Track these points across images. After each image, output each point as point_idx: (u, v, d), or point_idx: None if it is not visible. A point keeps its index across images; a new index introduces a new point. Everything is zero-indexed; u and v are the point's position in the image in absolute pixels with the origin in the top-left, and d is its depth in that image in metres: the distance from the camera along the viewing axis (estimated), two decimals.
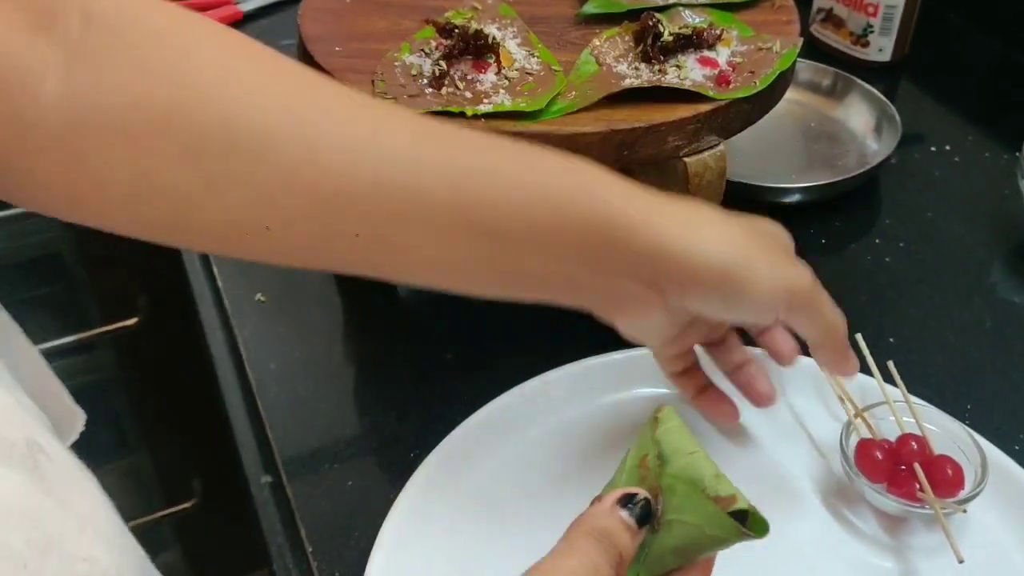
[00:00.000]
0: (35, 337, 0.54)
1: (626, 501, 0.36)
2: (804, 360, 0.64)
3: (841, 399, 0.64)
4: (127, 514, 0.57)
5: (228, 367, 0.73)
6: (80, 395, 0.62)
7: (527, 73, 0.64)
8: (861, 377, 0.64)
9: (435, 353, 0.73)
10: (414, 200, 0.44)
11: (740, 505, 0.35)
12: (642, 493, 0.36)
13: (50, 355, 0.54)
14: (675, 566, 0.35)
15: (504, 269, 0.48)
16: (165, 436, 1.42)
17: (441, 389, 0.70)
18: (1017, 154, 0.82)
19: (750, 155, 0.91)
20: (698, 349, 0.62)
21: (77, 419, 0.53)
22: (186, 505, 1.41)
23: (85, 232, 0.48)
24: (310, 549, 0.60)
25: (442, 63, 0.63)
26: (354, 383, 0.72)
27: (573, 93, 0.63)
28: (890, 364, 0.63)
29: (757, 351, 0.63)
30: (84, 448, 0.49)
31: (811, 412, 0.67)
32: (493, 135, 0.48)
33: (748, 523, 0.35)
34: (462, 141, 0.47)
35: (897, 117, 0.91)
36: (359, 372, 0.73)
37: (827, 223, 0.86)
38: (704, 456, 0.38)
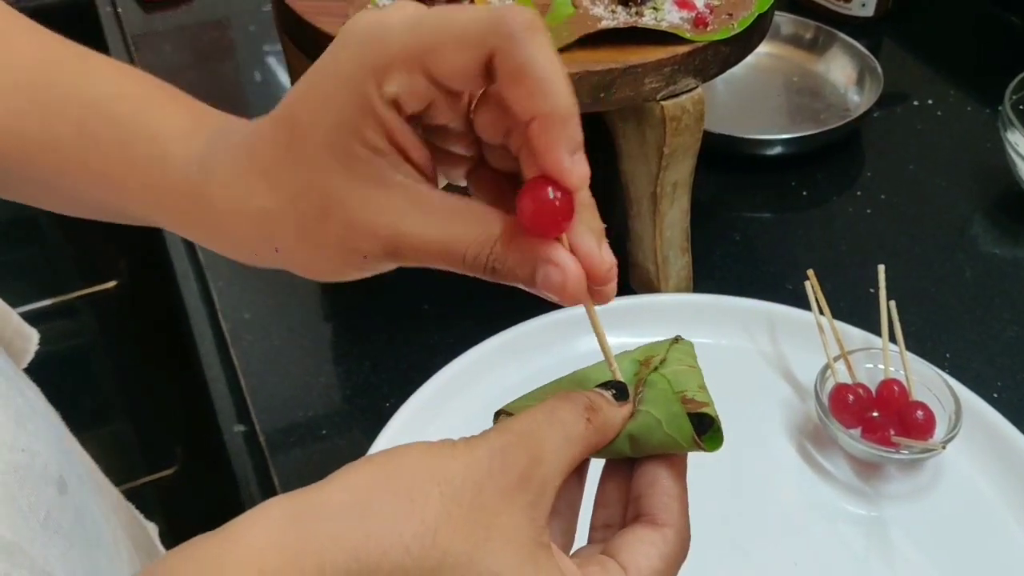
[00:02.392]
0: (12, 301, 0.54)
1: (606, 385, 0.35)
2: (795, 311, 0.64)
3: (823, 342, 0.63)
4: (109, 480, 0.57)
5: (202, 317, 0.72)
6: (61, 361, 0.61)
7: None
8: (842, 325, 0.64)
9: (410, 304, 0.72)
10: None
11: (707, 411, 0.35)
12: (620, 381, 0.35)
13: (28, 319, 0.54)
14: (630, 454, 0.34)
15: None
16: (147, 402, 1.41)
17: (416, 339, 0.69)
18: (999, 108, 0.81)
19: (732, 108, 0.91)
20: None
21: (31, 340, 0.52)
22: (168, 472, 1.40)
23: None
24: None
25: None
26: (329, 333, 0.71)
27: (548, 35, 0.62)
28: (891, 304, 0.63)
29: None
30: (65, 416, 0.49)
31: (793, 355, 0.67)
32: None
33: (708, 434, 0.35)
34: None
35: (879, 70, 0.91)
36: (334, 322, 0.72)
37: (809, 176, 0.86)
38: (700, 374, 0.37)
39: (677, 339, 0.38)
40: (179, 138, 0.39)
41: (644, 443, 0.34)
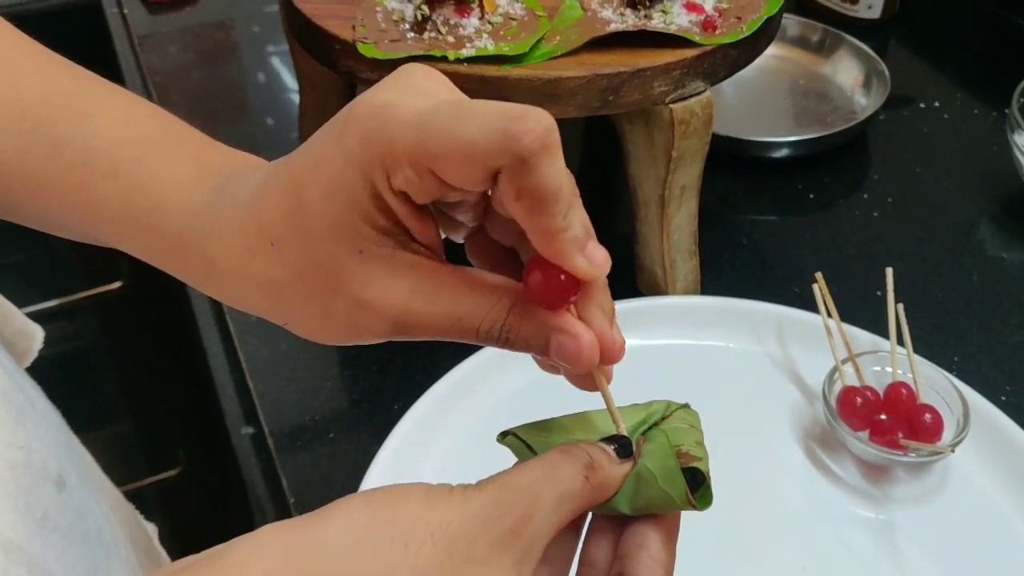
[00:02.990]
0: (16, 302, 0.54)
1: (610, 440, 0.35)
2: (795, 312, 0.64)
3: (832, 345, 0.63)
4: (112, 481, 0.57)
5: (209, 319, 0.72)
6: (65, 362, 0.61)
7: (511, 18, 0.63)
8: (849, 328, 0.64)
9: None
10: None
11: (699, 466, 0.34)
12: (625, 436, 0.35)
13: (33, 320, 0.54)
14: (626, 511, 0.34)
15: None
16: (149, 403, 1.41)
17: (423, 343, 0.69)
18: (1006, 111, 0.81)
19: (739, 110, 0.91)
20: None
21: (35, 338, 0.52)
22: (171, 473, 1.40)
23: None
24: (292, 500, 0.59)
25: (424, 8, 0.62)
26: None
27: (557, 38, 0.62)
28: (899, 307, 0.63)
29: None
30: (68, 416, 0.49)
31: (801, 358, 0.67)
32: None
33: (699, 492, 0.34)
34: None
35: (886, 73, 0.91)
36: None
37: (816, 178, 0.86)
38: (700, 433, 0.37)
39: (686, 405, 0.38)
40: (179, 189, 0.38)
41: (639, 498, 0.34)
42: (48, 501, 0.39)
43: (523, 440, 0.36)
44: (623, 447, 0.34)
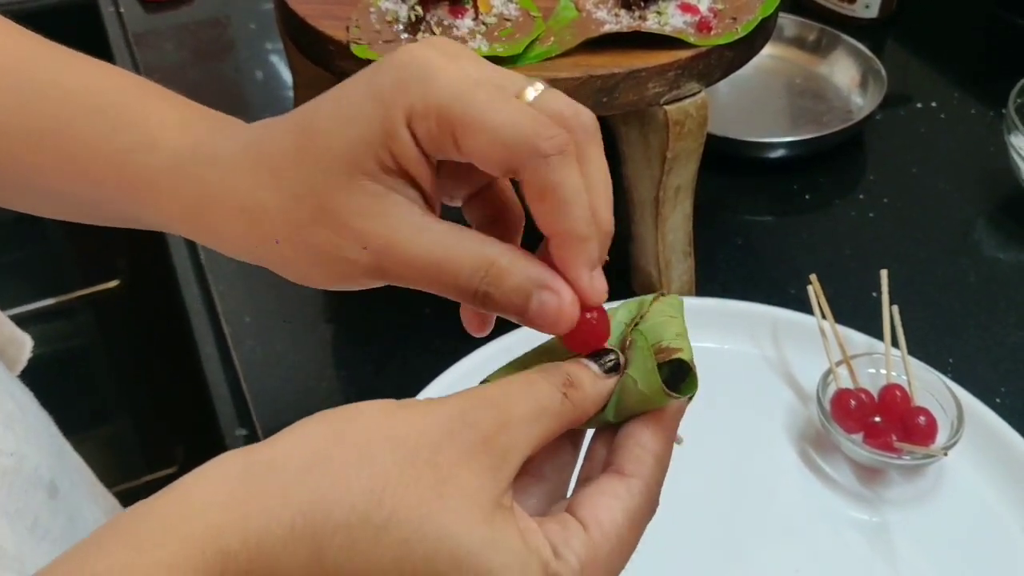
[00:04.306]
0: (13, 301, 0.54)
1: (596, 356, 0.33)
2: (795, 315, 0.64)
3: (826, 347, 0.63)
4: (108, 481, 0.57)
5: (203, 320, 0.72)
6: (61, 361, 0.61)
7: (505, 19, 0.63)
8: (844, 329, 0.64)
9: (413, 307, 0.72)
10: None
11: (681, 356, 0.33)
12: (614, 349, 0.34)
13: (29, 319, 0.54)
14: (612, 419, 0.33)
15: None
16: (147, 401, 1.41)
17: (418, 343, 0.69)
18: (1003, 111, 0.81)
19: (735, 110, 0.90)
20: None
21: (24, 346, 0.52)
22: (168, 472, 1.40)
23: None
24: None
25: (418, 8, 0.62)
26: (331, 336, 0.71)
27: (552, 39, 0.62)
28: (894, 309, 0.63)
29: None
30: (65, 415, 0.49)
31: (796, 360, 0.67)
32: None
33: (685, 382, 0.34)
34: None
35: (883, 73, 0.90)
36: (336, 325, 0.72)
37: (812, 179, 0.86)
38: (681, 323, 0.35)
39: (663, 294, 0.37)
40: (169, 127, 0.38)
41: (623, 407, 0.33)
42: (39, 508, 0.39)
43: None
44: (611, 362, 0.33)
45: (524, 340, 0.64)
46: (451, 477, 0.28)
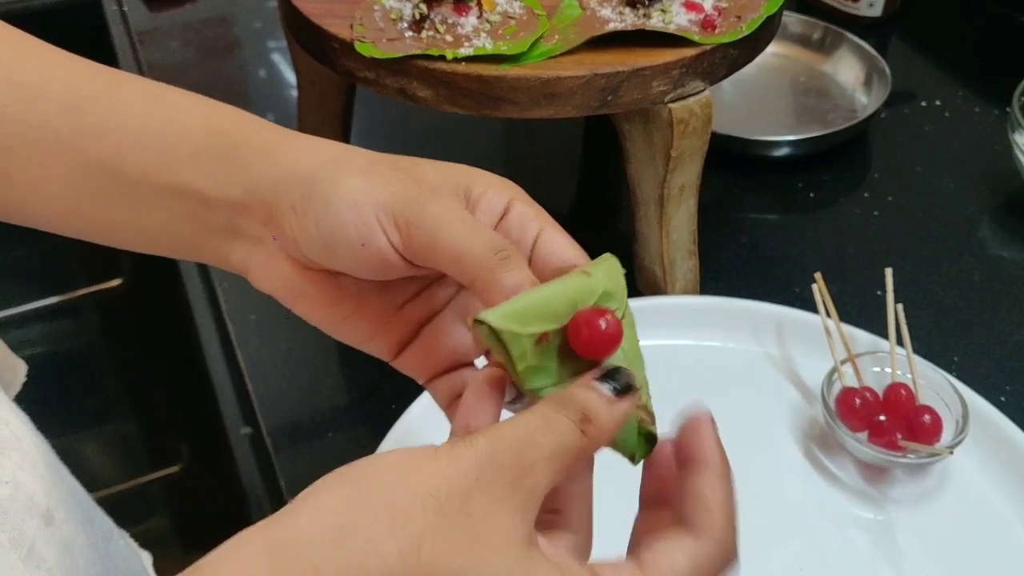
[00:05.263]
0: (17, 299, 0.54)
1: (606, 376, 0.33)
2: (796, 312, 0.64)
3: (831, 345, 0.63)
4: (113, 479, 0.57)
5: (208, 319, 0.72)
6: (65, 359, 0.61)
7: (509, 17, 0.63)
8: (848, 327, 0.64)
9: None
10: (33, 131, 0.40)
11: (653, 430, 0.34)
12: (624, 368, 0.33)
13: (32, 318, 0.54)
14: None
15: (127, 214, 0.42)
16: (151, 400, 1.41)
17: None
18: (1008, 110, 0.81)
19: (739, 109, 0.90)
20: None
21: (18, 372, 0.51)
22: (172, 470, 1.40)
23: None
24: (290, 500, 0.59)
25: (422, 6, 0.62)
26: None
27: (556, 37, 0.62)
28: (899, 307, 0.63)
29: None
30: (69, 413, 0.49)
31: (801, 358, 0.67)
32: (124, 73, 0.44)
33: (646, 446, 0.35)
34: (91, 74, 0.42)
35: (887, 71, 0.90)
36: None
37: (816, 177, 0.86)
38: (641, 357, 0.36)
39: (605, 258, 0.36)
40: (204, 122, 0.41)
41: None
42: (35, 536, 0.39)
43: (495, 331, 0.33)
44: (624, 387, 0.33)
45: None
46: (484, 522, 0.28)
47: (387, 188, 0.37)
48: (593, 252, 0.37)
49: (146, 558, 0.58)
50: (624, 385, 0.33)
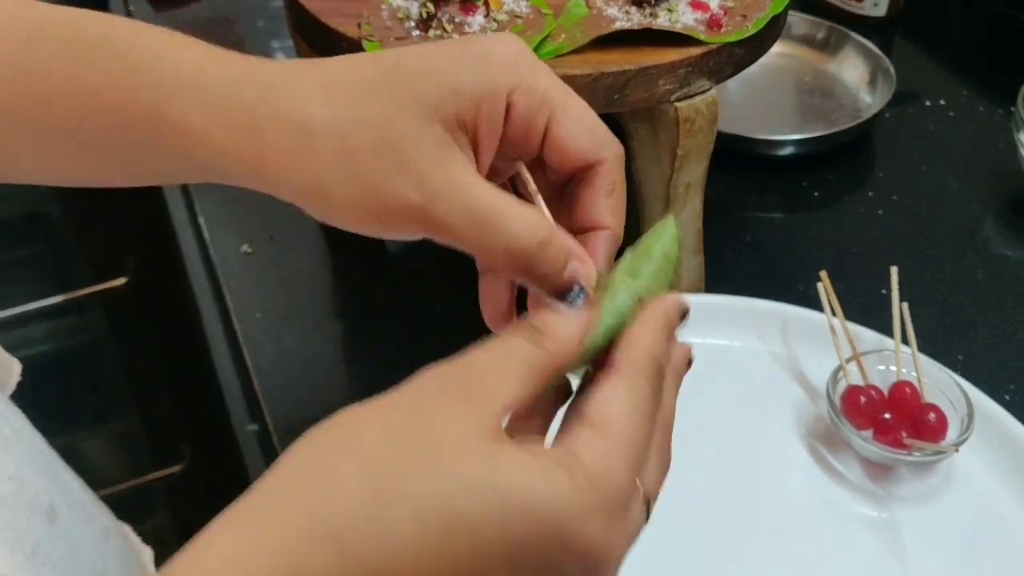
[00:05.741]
0: (22, 297, 0.54)
1: (562, 294, 0.34)
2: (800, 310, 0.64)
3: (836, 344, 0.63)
4: (116, 477, 0.57)
5: (215, 317, 0.72)
6: (69, 358, 0.62)
7: (516, 16, 0.63)
8: (854, 326, 0.64)
9: (423, 303, 0.72)
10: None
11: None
12: (580, 285, 0.35)
13: (37, 316, 0.54)
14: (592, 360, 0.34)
15: (104, 162, 0.40)
16: (154, 399, 1.41)
17: (429, 340, 0.69)
18: (1012, 109, 0.81)
19: (744, 108, 0.91)
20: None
21: (12, 370, 0.51)
22: (175, 468, 1.40)
23: (72, 192, 0.46)
24: None
25: (429, 5, 0.62)
26: (341, 333, 0.71)
27: (562, 36, 0.62)
28: (904, 306, 0.63)
29: None
30: (72, 412, 0.49)
31: (806, 357, 0.67)
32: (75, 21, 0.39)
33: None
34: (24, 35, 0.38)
35: (892, 70, 0.90)
36: (346, 322, 0.72)
37: (821, 176, 0.86)
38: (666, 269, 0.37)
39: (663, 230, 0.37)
40: (206, 59, 0.37)
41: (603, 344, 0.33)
42: (39, 533, 0.39)
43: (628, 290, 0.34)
44: (579, 296, 0.34)
45: None
46: (438, 431, 0.28)
47: (382, 199, 0.35)
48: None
49: (147, 554, 0.59)
50: (580, 298, 0.34)
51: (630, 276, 0.35)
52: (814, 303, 0.66)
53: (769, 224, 0.82)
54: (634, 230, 0.72)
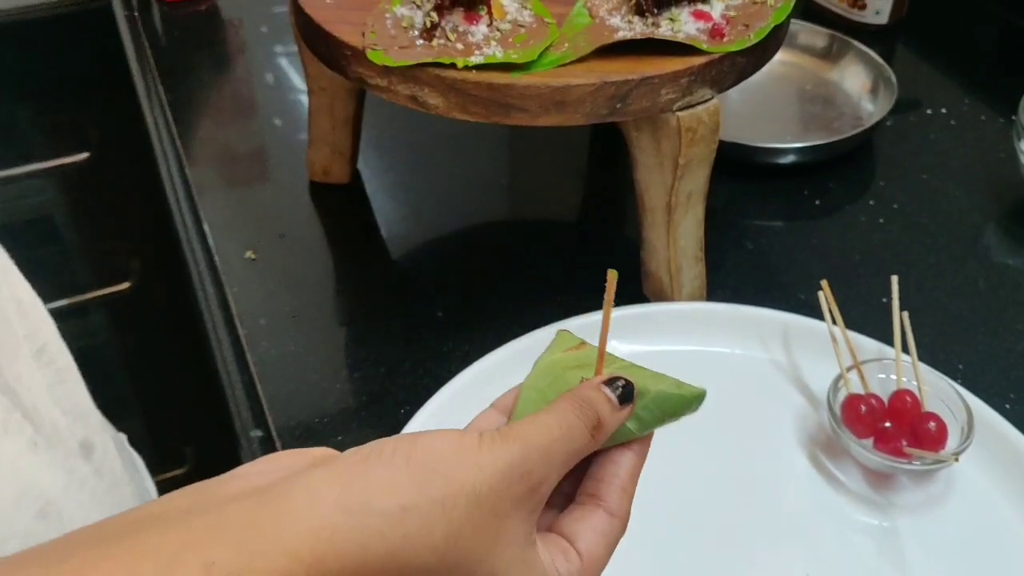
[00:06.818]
0: None
1: (609, 383, 0.38)
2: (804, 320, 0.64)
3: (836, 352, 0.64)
4: None
5: (219, 323, 0.73)
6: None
7: (519, 25, 0.64)
8: (854, 335, 0.64)
9: (425, 310, 0.73)
10: None
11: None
12: (624, 377, 0.38)
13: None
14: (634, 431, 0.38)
15: None
16: (158, 403, 1.42)
17: (431, 346, 0.70)
18: (1013, 118, 0.81)
19: (745, 116, 0.91)
20: None
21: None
22: (179, 472, 1.41)
23: (77, 195, 0.47)
24: None
25: (433, 14, 0.62)
26: (344, 339, 0.71)
27: (566, 45, 0.62)
28: (904, 314, 0.63)
29: None
30: None
31: (806, 365, 0.67)
32: None
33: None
34: None
35: (893, 79, 0.91)
36: (349, 328, 0.72)
37: (822, 184, 0.86)
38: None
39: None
40: None
41: (649, 416, 0.38)
42: (79, 464, 0.43)
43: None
44: (626, 395, 0.38)
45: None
46: (505, 521, 0.33)
47: None
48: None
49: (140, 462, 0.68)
50: (628, 392, 0.38)
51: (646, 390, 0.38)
52: (815, 311, 0.66)
53: (770, 232, 0.82)
54: (634, 233, 0.72)
